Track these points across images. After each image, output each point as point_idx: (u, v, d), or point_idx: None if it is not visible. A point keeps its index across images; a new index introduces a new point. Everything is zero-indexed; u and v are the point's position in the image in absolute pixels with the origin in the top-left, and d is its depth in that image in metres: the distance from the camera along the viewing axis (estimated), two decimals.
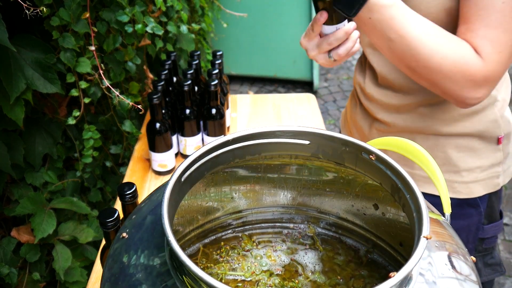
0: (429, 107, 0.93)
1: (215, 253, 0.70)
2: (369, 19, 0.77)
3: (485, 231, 1.01)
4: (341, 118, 1.27)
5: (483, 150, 0.94)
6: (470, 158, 0.94)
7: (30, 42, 1.09)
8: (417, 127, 0.95)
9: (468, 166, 0.95)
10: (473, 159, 0.94)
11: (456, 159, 0.94)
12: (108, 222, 0.69)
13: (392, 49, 0.79)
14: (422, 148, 0.61)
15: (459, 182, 0.96)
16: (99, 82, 1.24)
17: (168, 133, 1.23)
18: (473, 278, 0.51)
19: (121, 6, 1.25)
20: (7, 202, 1.24)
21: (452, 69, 0.77)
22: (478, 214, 0.98)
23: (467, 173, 0.95)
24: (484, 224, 1.00)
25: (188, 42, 1.61)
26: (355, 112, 1.11)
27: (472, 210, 0.98)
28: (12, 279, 1.13)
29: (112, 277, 0.51)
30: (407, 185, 0.54)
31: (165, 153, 1.25)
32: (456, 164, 0.95)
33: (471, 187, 0.96)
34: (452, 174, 0.95)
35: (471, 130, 0.92)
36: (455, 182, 0.96)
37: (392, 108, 0.97)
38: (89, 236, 1.29)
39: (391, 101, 0.96)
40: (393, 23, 0.76)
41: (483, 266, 1.05)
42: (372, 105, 1.02)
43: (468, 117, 0.92)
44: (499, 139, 0.94)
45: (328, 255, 0.70)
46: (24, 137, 1.22)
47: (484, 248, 1.04)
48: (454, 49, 0.77)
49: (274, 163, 0.69)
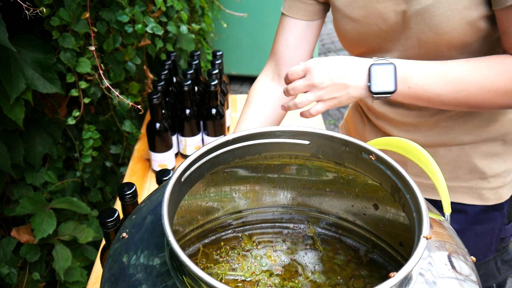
0: (450, 120, 0.90)
1: (215, 253, 0.70)
2: (409, 88, 0.76)
3: (506, 230, 0.99)
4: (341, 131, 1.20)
5: (507, 153, 0.92)
6: (495, 163, 0.92)
7: (30, 42, 1.09)
8: (440, 140, 0.92)
9: (495, 171, 0.92)
10: (499, 164, 0.92)
11: (482, 166, 0.92)
12: (108, 222, 0.69)
13: (444, 102, 0.77)
14: (422, 148, 0.61)
15: (487, 188, 0.93)
16: (99, 82, 1.24)
17: (168, 133, 1.23)
18: (473, 278, 0.51)
19: (121, 6, 1.25)
20: (7, 202, 1.24)
21: (508, 90, 0.74)
22: (501, 216, 0.97)
23: (494, 179, 0.93)
24: (505, 224, 0.99)
25: (188, 42, 1.61)
26: (363, 130, 1.05)
27: (496, 213, 0.96)
28: (12, 279, 1.13)
29: (112, 277, 0.51)
30: (407, 185, 0.54)
31: (165, 153, 1.25)
32: (483, 171, 0.92)
33: (499, 192, 0.94)
34: (480, 181, 0.93)
35: (494, 134, 0.90)
36: (483, 189, 0.93)
37: (410, 126, 0.93)
38: (89, 236, 1.29)
39: (407, 119, 0.92)
40: (431, 78, 0.76)
41: (501, 264, 1.03)
42: (386, 124, 0.96)
43: (490, 122, 0.89)
44: None
45: (328, 255, 0.70)
46: (24, 137, 1.22)
47: (502, 246, 1.02)
48: (500, 73, 0.75)
49: (274, 163, 0.69)
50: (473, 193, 0.94)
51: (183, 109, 1.26)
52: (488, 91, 0.75)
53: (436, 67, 0.77)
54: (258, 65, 3.49)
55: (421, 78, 0.76)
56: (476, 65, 0.76)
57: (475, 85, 0.75)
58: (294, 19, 0.96)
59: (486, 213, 0.96)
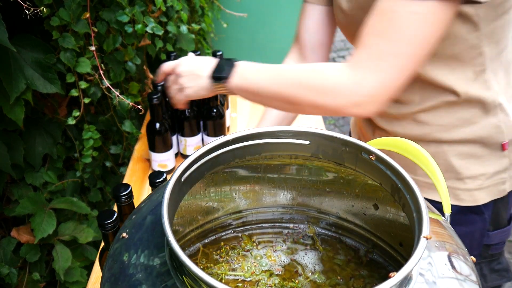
0: (426, 114, 0.91)
1: (215, 253, 0.70)
2: (241, 79, 0.87)
3: (491, 237, 0.99)
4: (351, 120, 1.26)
5: (486, 157, 0.91)
6: (473, 165, 0.92)
7: (30, 42, 1.09)
8: (417, 134, 0.93)
9: (472, 173, 0.92)
10: (477, 166, 0.92)
11: (458, 166, 0.92)
12: (106, 223, 0.69)
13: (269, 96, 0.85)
14: (422, 148, 0.61)
15: (462, 189, 0.93)
16: (99, 82, 1.24)
17: (168, 133, 1.23)
18: (473, 278, 0.51)
19: (121, 6, 1.25)
20: (7, 202, 1.24)
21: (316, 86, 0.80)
22: (482, 221, 0.96)
23: (470, 180, 0.93)
24: (490, 230, 0.98)
25: (188, 42, 1.61)
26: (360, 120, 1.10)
27: (475, 217, 0.96)
28: (12, 279, 1.13)
29: (112, 277, 0.51)
30: (407, 185, 0.54)
31: (165, 153, 1.25)
32: (459, 172, 0.92)
33: (475, 194, 0.93)
34: (455, 181, 0.93)
35: (473, 136, 0.90)
36: (458, 189, 0.93)
37: (392, 117, 0.96)
38: (89, 236, 1.29)
39: (390, 110, 0.95)
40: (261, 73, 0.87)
41: (489, 272, 1.02)
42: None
43: (468, 123, 0.89)
44: (503, 145, 0.91)
45: (328, 255, 0.70)
46: (24, 137, 1.22)
47: (490, 254, 1.01)
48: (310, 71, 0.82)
49: (274, 163, 0.69)
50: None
51: (183, 109, 1.26)
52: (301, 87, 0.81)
53: (270, 66, 0.87)
54: None
55: (253, 72, 0.87)
56: (299, 65, 0.86)
57: (290, 79, 0.83)
58: (312, 4, 1.04)
59: (463, 214, 0.95)
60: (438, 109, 0.90)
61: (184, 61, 0.95)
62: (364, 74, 0.76)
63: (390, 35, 0.73)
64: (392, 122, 0.96)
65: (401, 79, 0.76)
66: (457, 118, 0.90)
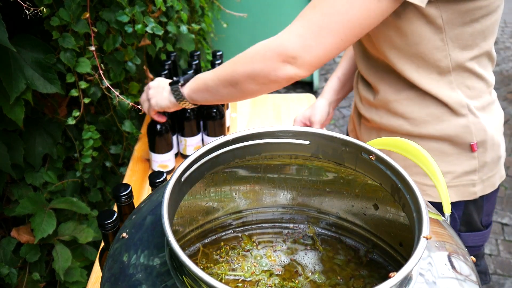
0: (400, 105, 0.93)
1: (215, 253, 0.70)
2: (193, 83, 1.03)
3: (463, 238, 0.99)
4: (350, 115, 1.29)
5: (455, 156, 0.93)
6: (441, 163, 0.93)
7: (30, 42, 1.09)
8: (391, 125, 0.96)
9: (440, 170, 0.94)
10: (444, 164, 0.93)
11: None
12: (106, 223, 0.69)
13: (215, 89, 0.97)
14: (422, 148, 0.61)
15: (429, 185, 0.95)
16: (99, 82, 1.24)
17: (168, 134, 1.23)
18: (473, 278, 0.51)
19: (121, 6, 1.25)
20: (7, 202, 1.24)
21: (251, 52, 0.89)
22: (452, 220, 0.97)
23: None
24: (461, 231, 0.99)
25: (188, 42, 1.61)
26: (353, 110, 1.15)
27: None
28: (12, 279, 1.13)
29: (112, 277, 0.51)
30: (407, 185, 0.54)
31: (165, 154, 1.25)
32: None
33: None
34: (423, 176, 0.94)
35: (441, 133, 0.92)
36: (425, 185, 0.95)
37: (371, 105, 1.00)
38: (89, 236, 1.29)
39: (369, 97, 1.00)
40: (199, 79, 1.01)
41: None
42: (358, 101, 1.06)
43: (437, 120, 0.91)
44: (472, 146, 0.92)
45: (328, 255, 0.70)
46: (24, 137, 1.22)
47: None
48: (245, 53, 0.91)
49: (274, 163, 0.69)
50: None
51: (183, 109, 1.26)
52: (236, 63, 0.93)
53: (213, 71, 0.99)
54: None
55: (202, 74, 1.01)
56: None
57: (227, 63, 0.95)
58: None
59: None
60: (410, 101, 0.93)
61: (155, 79, 1.16)
62: (288, 36, 0.83)
63: (321, 8, 0.80)
64: (371, 110, 1.01)
65: (321, 49, 0.82)
66: (427, 113, 0.92)
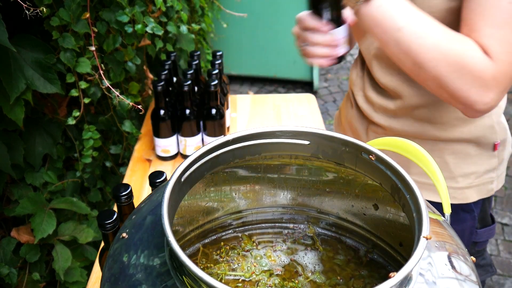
0: (426, 111, 0.92)
1: (215, 253, 0.70)
2: (379, 7, 0.76)
3: (479, 235, 1.01)
4: (334, 120, 1.27)
5: (479, 156, 0.94)
6: (465, 164, 0.94)
7: (30, 42, 1.09)
8: (414, 131, 0.95)
9: (464, 171, 0.94)
10: (469, 165, 0.94)
11: (452, 165, 0.94)
12: (106, 223, 0.69)
13: (399, 42, 0.76)
14: (422, 148, 0.61)
15: (454, 188, 0.95)
16: (99, 82, 1.24)
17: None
18: (473, 278, 0.51)
19: (121, 6, 1.25)
20: (7, 202, 1.24)
21: (459, 62, 0.73)
22: (472, 219, 0.98)
23: (462, 178, 0.95)
24: (478, 228, 1.01)
25: (188, 42, 1.61)
26: (351, 114, 1.10)
27: (466, 215, 0.98)
28: (12, 279, 1.13)
29: (112, 277, 0.51)
30: (407, 185, 0.54)
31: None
32: (451, 170, 0.94)
33: (466, 192, 0.96)
34: (448, 180, 0.95)
35: (468, 136, 0.92)
36: (450, 188, 0.95)
37: (390, 112, 0.97)
38: (89, 236, 1.29)
39: (388, 105, 0.96)
40: (403, 8, 0.76)
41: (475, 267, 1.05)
42: (369, 108, 1.01)
43: (465, 123, 0.91)
44: (495, 145, 0.93)
45: (328, 255, 0.70)
46: (24, 137, 1.22)
47: (476, 250, 1.04)
48: (460, 43, 0.74)
49: (274, 163, 0.69)
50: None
51: (183, 109, 1.26)
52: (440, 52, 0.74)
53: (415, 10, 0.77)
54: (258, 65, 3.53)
55: (393, 3, 0.77)
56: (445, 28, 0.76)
57: (431, 39, 0.75)
58: None
59: (455, 213, 0.96)
60: (438, 107, 0.91)
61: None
62: (502, 67, 0.73)
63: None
64: (389, 118, 0.97)
65: None
66: (455, 117, 0.91)
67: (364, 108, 1.02)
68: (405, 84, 0.91)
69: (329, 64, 0.84)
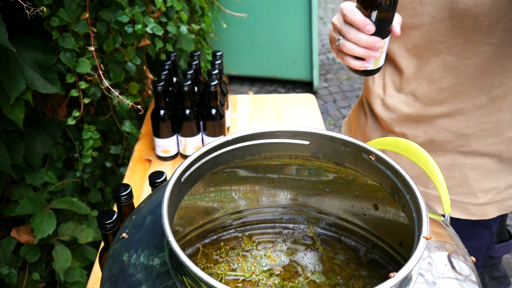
0: (451, 120, 0.89)
1: (215, 253, 0.70)
2: None
3: (496, 250, 0.99)
4: (343, 126, 1.23)
5: (500, 171, 0.91)
6: (487, 180, 0.91)
7: (30, 43, 1.09)
8: (438, 141, 0.91)
9: (485, 187, 0.92)
10: (490, 181, 0.91)
11: (473, 180, 0.91)
12: (106, 224, 0.69)
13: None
14: (422, 148, 0.61)
15: (474, 204, 0.93)
16: (99, 82, 1.24)
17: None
18: (473, 278, 0.51)
19: (121, 7, 1.25)
20: (7, 203, 1.24)
21: None
22: (490, 234, 0.96)
23: (482, 194, 0.92)
24: (495, 243, 0.99)
25: (188, 42, 1.61)
26: (364, 123, 1.06)
27: (484, 231, 0.96)
28: (12, 279, 1.13)
29: (112, 277, 0.51)
30: (407, 185, 0.54)
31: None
32: (472, 186, 0.92)
33: (485, 208, 0.93)
34: (468, 196, 0.92)
35: (491, 149, 0.89)
36: (470, 204, 0.93)
37: (411, 120, 0.93)
38: (89, 237, 1.29)
39: (411, 110, 0.92)
40: None
41: (490, 280, 1.04)
42: (389, 116, 0.96)
43: (490, 134, 0.88)
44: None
45: (328, 256, 0.70)
46: (24, 137, 1.22)
47: (491, 263, 1.02)
48: None
49: (274, 163, 0.69)
50: (459, 207, 0.94)
51: (183, 109, 1.26)
52: None
53: None
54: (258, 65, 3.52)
55: None
56: None
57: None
58: None
59: (473, 228, 0.95)
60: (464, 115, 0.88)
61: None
62: None
63: None
64: (411, 126, 0.93)
65: None
66: (480, 128, 0.88)
67: (383, 116, 0.98)
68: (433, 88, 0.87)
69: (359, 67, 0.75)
